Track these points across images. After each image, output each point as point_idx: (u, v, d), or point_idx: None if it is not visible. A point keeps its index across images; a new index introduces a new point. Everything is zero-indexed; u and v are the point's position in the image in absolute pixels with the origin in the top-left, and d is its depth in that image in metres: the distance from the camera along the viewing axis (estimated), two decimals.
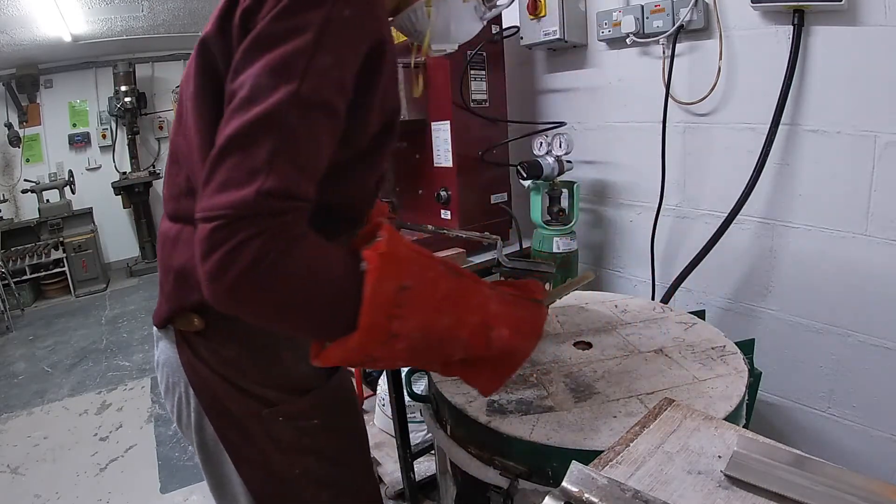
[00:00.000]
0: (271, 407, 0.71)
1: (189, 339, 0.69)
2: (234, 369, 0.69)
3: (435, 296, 0.58)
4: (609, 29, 1.67)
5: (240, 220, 0.47)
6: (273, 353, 0.71)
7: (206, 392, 0.70)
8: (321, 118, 0.54)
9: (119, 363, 3.22)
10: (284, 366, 0.72)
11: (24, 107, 4.93)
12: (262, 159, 0.48)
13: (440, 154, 1.80)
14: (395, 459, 1.65)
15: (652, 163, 1.66)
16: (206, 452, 0.75)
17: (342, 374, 0.82)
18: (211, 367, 0.69)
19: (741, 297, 1.58)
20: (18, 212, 5.07)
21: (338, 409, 0.79)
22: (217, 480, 0.77)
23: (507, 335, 0.64)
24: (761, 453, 0.53)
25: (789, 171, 1.40)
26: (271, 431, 0.71)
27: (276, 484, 0.74)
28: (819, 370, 1.43)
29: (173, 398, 0.74)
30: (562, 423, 0.76)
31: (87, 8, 3.63)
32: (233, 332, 0.68)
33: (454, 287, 0.60)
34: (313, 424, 0.74)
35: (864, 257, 1.30)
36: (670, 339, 0.99)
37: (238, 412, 0.70)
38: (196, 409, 0.72)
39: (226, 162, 0.49)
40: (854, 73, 1.24)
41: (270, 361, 0.71)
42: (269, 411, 0.71)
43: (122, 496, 1.99)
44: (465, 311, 0.61)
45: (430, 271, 0.59)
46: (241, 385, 0.70)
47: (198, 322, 0.67)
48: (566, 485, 0.49)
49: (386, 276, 0.54)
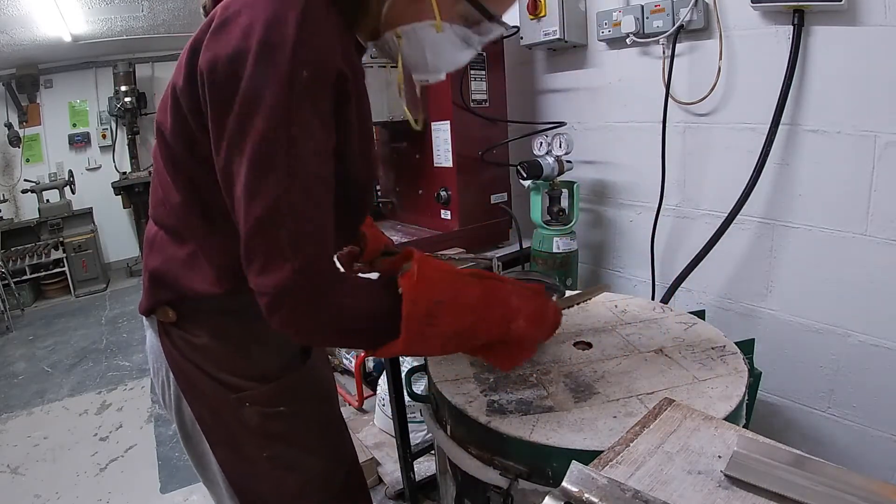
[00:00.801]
0: (238, 392, 0.75)
1: (167, 328, 0.76)
2: (203, 357, 0.75)
3: (463, 302, 0.70)
4: (609, 29, 1.67)
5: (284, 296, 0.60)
6: (241, 343, 0.76)
7: (182, 376, 0.76)
8: (318, 187, 0.61)
9: (119, 363, 3.22)
10: (252, 356, 0.77)
11: (24, 107, 4.93)
12: (285, 245, 0.59)
13: (440, 154, 1.80)
14: (395, 459, 1.65)
15: (652, 163, 1.66)
16: (185, 431, 0.80)
17: (314, 364, 0.85)
18: (184, 354, 0.75)
19: (741, 297, 1.58)
20: (18, 212, 5.06)
21: (306, 397, 0.83)
22: (198, 459, 0.82)
23: (524, 325, 0.74)
24: (761, 453, 0.53)
25: (789, 171, 1.40)
26: (240, 416, 0.76)
27: (246, 466, 0.78)
28: (819, 370, 1.43)
29: (158, 380, 0.81)
30: (562, 423, 0.76)
31: (87, 8, 3.62)
32: (203, 323, 0.75)
33: (479, 292, 0.71)
34: (279, 411, 0.78)
35: (864, 257, 1.30)
36: (670, 339, 0.99)
37: (210, 395, 0.76)
38: (175, 391, 0.77)
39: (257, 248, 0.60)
40: (854, 73, 1.24)
41: (238, 351, 0.76)
42: (236, 397, 0.75)
43: (122, 496, 1.99)
44: (489, 309, 0.72)
45: (458, 283, 0.71)
46: (209, 371, 0.75)
47: (172, 314, 0.75)
48: (566, 485, 0.49)
49: (419, 298, 0.66)
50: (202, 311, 0.75)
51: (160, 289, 0.74)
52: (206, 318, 0.75)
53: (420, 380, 1.52)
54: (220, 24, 0.60)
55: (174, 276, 0.73)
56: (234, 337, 0.76)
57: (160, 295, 0.74)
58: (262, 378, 0.77)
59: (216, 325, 0.76)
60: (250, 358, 0.77)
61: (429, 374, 0.95)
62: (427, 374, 0.97)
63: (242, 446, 0.78)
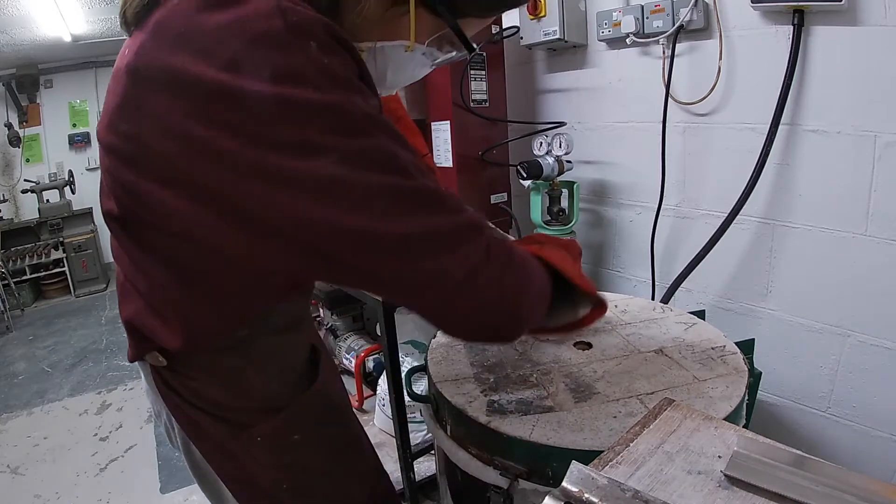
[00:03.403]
0: (247, 430, 0.70)
1: (160, 372, 0.69)
2: (202, 398, 0.69)
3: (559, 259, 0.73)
4: (609, 29, 1.67)
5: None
6: (240, 377, 0.70)
7: (184, 419, 0.70)
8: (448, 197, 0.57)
9: (119, 363, 3.22)
10: (254, 389, 0.71)
11: (24, 107, 4.93)
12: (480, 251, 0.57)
13: (440, 154, 1.80)
14: (395, 459, 1.65)
15: (652, 163, 1.66)
16: (198, 472, 0.76)
17: (322, 382, 0.79)
18: (183, 396, 0.69)
19: (741, 297, 1.58)
20: (18, 212, 5.06)
21: (319, 419, 0.77)
22: (215, 496, 0.78)
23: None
24: (761, 453, 0.53)
25: (789, 171, 1.40)
26: (251, 452, 0.71)
27: (265, 499, 0.75)
28: (819, 370, 1.43)
29: (160, 422, 0.76)
30: (562, 423, 0.76)
31: (87, 8, 3.62)
32: (195, 363, 0.68)
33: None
34: (294, 440, 0.73)
35: (864, 257, 1.30)
36: (670, 339, 0.99)
37: (217, 436, 0.70)
38: (180, 434, 0.72)
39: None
40: (854, 73, 1.24)
41: (238, 387, 0.70)
42: (246, 434, 0.70)
43: (122, 496, 1.99)
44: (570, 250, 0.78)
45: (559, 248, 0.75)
46: (212, 412, 0.69)
47: (161, 359, 0.68)
48: (566, 485, 0.48)
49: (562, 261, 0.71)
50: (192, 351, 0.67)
51: (142, 340, 0.66)
52: (198, 358, 0.68)
53: (420, 380, 1.52)
54: None
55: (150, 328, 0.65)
56: (230, 372, 0.69)
57: (144, 345, 0.67)
58: (269, 409, 0.71)
59: (209, 364, 0.68)
60: (252, 391, 0.71)
61: (429, 374, 0.95)
62: (427, 374, 0.97)
63: (258, 481, 0.73)
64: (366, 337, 2.29)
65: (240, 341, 0.68)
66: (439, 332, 1.11)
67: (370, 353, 2.09)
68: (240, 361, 0.69)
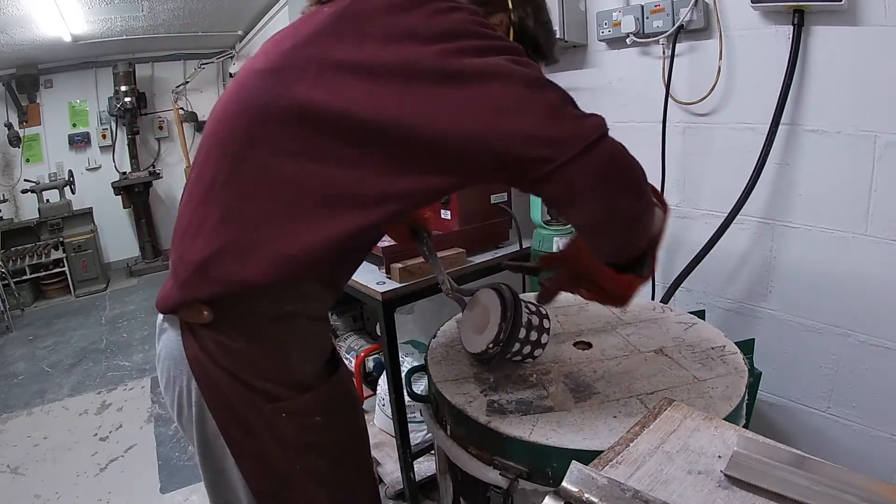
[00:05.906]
0: (275, 402, 0.72)
1: (195, 331, 0.70)
2: (240, 363, 0.70)
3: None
4: (609, 29, 1.67)
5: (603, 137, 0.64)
6: (280, 349, 0.73)
7: (209, 386, 0.71)
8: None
9: (119, 363, 3.22)
10: (291, 363, 0.74)
11: (24, 107, 4.93)
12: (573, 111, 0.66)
13: None
14: (395, 459, 1.65)
15: (652, 163, 1.66)
16: (206, 447, 0.75)
17: (342, 374, 0.83)
18: (216, 360, 0.70)
19: (741, 297, 1.58)
20: (18, 212, 5.06)
21: (339, 407, 0.80)
22: (215, 475, 0.77)
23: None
24: (761, 453, 0.53)
25: (789, 171, 1.40)
26: (274, 427, 0.72)
27: (276, 480, 0.75)
28: (819, 370, 1.43)
29: (174, 393, 0.75)
30: (562, 423, 0.76)
31: (87, 8, 3.62)
32: (242, 325, 0.70)
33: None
34: (315, 421, 0.75)
35: (864, 257, 1.30)
36: (670, 339, 0.99)
37: (241, 407, 0.71)
38: (198, 403, 0.72)
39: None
40: (854, 73, 1.24)
41: (277, 357, 0.72)
42: (272, 407, 0.72)
43: (122, 496, 1.99)
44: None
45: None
46: (245, 379, 0.70)
47: (207, 314, 0.68)
48: (566, 485, 0.49)
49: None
50: (242, 311, 0.69)
51: (203, 283, 0.66)
52: (246, 320, 0.70)
53: (420, 380, 1.52)
54: None
55: (227, 267, 0.65)
56: (274, 341, 0.71)
57: (199, 290, 0.67)
58: (299, 387, 0.74)
59: (256, 328, 0.70)
60: (289, 365, 0.73)
61: (429, 374, 0.95)
62: (427, 374, 0.97)
63: (273, 460, 0.74)
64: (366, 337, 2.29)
65: (286, 315, 0.71)
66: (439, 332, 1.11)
67: (370, 353, 2.09)
68: (283, 334, 0.72)
